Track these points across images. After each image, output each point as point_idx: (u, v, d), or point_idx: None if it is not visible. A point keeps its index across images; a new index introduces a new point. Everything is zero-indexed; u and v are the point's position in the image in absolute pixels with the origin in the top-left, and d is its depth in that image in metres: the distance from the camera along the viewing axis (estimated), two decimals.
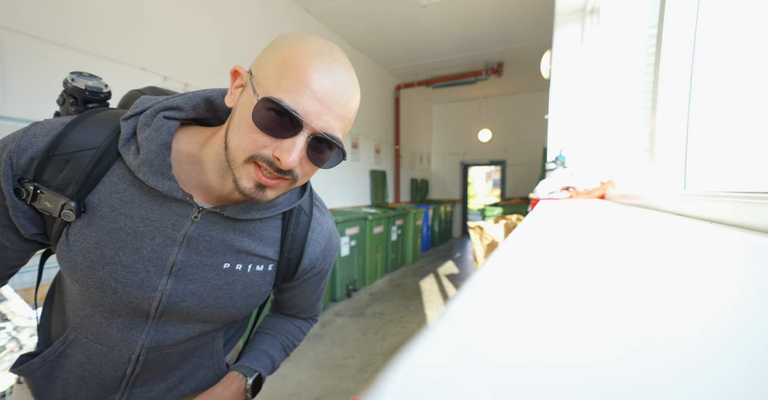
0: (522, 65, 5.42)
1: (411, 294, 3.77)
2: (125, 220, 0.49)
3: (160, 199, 0.50)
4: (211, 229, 0.53)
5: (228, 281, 0.55)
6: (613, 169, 1.87)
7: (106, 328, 0.53)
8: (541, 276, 0.30)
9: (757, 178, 0.77)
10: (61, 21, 1.90)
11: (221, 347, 0.64)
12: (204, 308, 0.54)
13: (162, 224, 0.50)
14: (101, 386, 0.55)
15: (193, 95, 0.53)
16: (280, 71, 0.43)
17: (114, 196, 0.49)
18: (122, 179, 0.50)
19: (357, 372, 2.19)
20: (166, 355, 0.56)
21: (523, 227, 0.67)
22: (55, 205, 0.46)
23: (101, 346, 0.54)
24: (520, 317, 0.20)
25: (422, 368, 0.14)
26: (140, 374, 0.56)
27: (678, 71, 1.07)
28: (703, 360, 0.15)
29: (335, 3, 3.67)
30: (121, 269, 0.49)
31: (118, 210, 0.49)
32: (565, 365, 0.14)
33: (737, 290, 0.26)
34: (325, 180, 4.26)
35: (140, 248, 0.49)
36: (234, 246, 0.54)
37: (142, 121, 0.49)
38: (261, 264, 0.58)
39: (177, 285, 0.52)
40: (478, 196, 17.38)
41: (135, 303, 0.51)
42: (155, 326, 0.53)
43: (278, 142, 0.44)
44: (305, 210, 0.62)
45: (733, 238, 0.48)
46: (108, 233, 0.48)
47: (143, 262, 0.50)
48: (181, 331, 0.56)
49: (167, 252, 0.51)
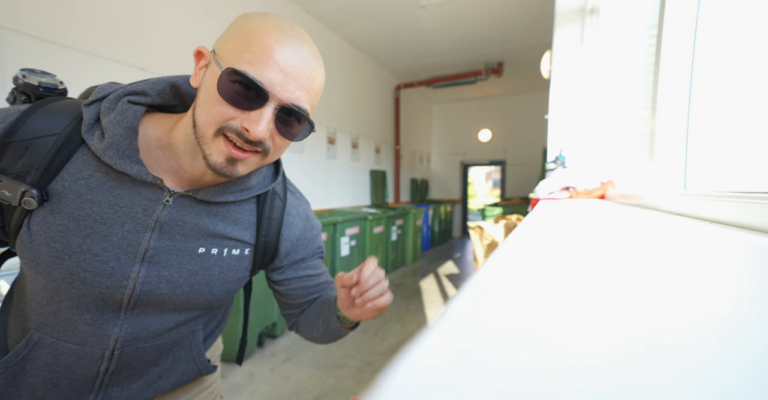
0: (522, 65, 5.43)
1: (411, 294, 3.77)
2: (92, 206, 0.47)
3: (129, 184, 0.49)
4: (184, 213, 0.51)
5: (204, 266, 0.54)
6: (614, 169, 1.87)
7: (75, 324, 0.50)
8: (542, 276, 0.30)
9: (757, 178, 0.77)
10: (61, 21, 1.90)
11: (201, 340, 0.62)
12: (180, 294, 0.53)
13: (132, 209, 0.49)
14: (73, 387, 0.53)
15: (157, 80, 0.52)
16: (242, 45, 0.44)
17: (79, 183, 0.47)
18: (87, 166, 0.48)
19: (357, 372, 2.19)
20: (142, 350, 0.54)
21: (523, 227, 0.67)
22: (14, 193, 0.44)
23: (70, 344, 0.51)
24: (521, 316, 0.20)
25: (422, 368, 0.14)
26: (115, 372, 0.53)
27: (678, 71, 1.07)
28: (704, 360, 0.15)
29: (335, 3, 3.67)
30: (89, 258, 0.47)
31: (84, 196, 0.47)
32: (565, 365, 0.14)
33: (738, 290, 0.26)
34: (325, 180, 4.26)
35: (109, 235, 0.48)
36: (209, 230, 0.53)
37: (105, 106, 0.48)
38: (237, 248, 0.57)
39: (150, 272, 0.50)
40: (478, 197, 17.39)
41: (106, 294, 0.49)
42: (128, 318, 0.51)
43: (245, 114, 0.44)
44: (279, 194, 0.62)
45: (734, 238, 0.48)
46: (74, 221, 0.46)
47: (113, 249, 0.48)
48: (156, 322, 0.53)
49: (138, 238, 0.49)
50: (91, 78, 2.01)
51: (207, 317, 0.63)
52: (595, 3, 2.20)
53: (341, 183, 4.61)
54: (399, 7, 3.75)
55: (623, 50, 1.86)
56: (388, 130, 5.99)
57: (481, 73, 5.47)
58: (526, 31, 4.27)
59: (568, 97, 2.34)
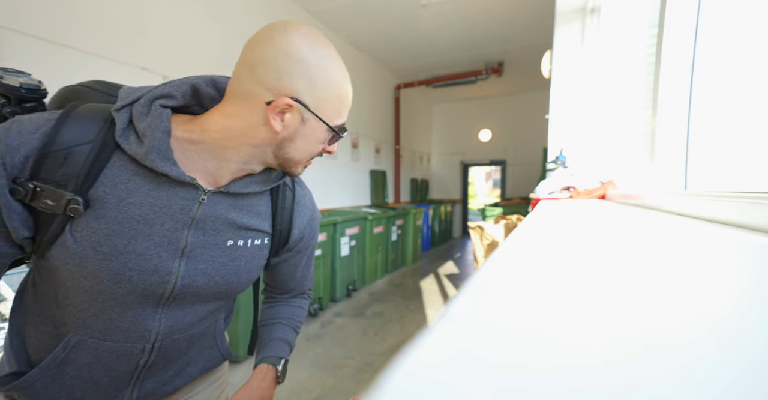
0: (522, 65, 5.42)
1: (411, 294, 3.77)
2: (134, 209, 0.49)
3: (166, 185, 0.51)
4: (216, 209, 0.55)
5: (232, 257, 0.58)
6: (614, 169, 1.87)
7: (117, 322, 0.53)
8: (542, 276, 0.30)
9: (758, 178, 0.77)
10: (61, 21, 1.90)
11: (222, 326, 0.68)
12: (213, 286, 0.57)
13: (170, 209, 0.51)
14: (112, 383, 0.55)
15: (180, 83, 0.52)
16: (340, 104, 0.54)
17: (119, 187, 0.49)
18: (124, 170, 0.49)
19: (357, 372, 2.19)
20: (177, 341, 0.58)
21: (524, 227, 0.67)
22: (57, 202, 0.46)
23: (111, 342, 0.53)
24: (521, 316, 0.20)
25: (422, 368, 0.14)
26: (153, 364, 0.57)
27: (679, 71, 1.07)
28: (704, 360, 0.15)
29: (335, 3, 3.67)
30: (135, 258, 0.50)
31: (126, 200, 0.49)
32: (565, 365, 0.14)
33: (738, 290, 0.26)
34: (325, 180, 4.27)
35: (151, 234, 0.50)
36: (236, 223, 0.57)
37: (138, 111, 0.49)
38: (259, 238, 0.61)
39: (189, 266, 0.53)
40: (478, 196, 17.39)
41: (149, 290, 0.52)
42: (165, 312, 0.55)
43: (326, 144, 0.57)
44: (289, 185, 0.67)
45: (734, 238, 0.48)
46: (119, 224, 0.49)
47: (155, 248, 0.51)
48: (190, 313, 0.58)
49: (177, 236, 0.52)
50: (92, 78, 2.01)
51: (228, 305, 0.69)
52: (595, 2, 2.20)
53: (341, 183, 4.61)
54: (399, 7, 3.75)
55: (624, 50, 1.86)
56: (388, 130, 5.98)
57: (481, 72, 5.47)
58: (527, 30, 4.26)
59: (569, 97, 2.34)
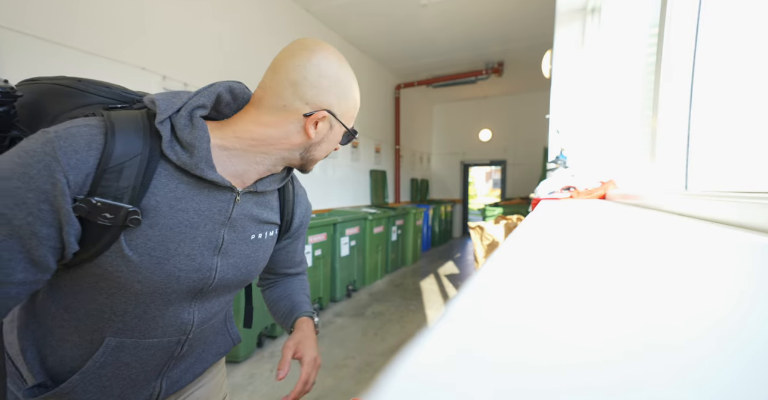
0: (522, 65, 5.42)
1: (411, 294, 3.77)
2: (183, 214, 0.53)
3: (206, 190, 0.55)
4: (245, 207, 0.61)
5: (254, 249, 0.64)
6: (615, 169, 1.87)
7: (159, 320, 0.56)
8: (542, 276, 0.30)
9: (758, 178, 0.76)
10: (61, 21, 1.90)
11: (232, 313, 0.76)
12: (239, 276, 0.62)
13: (211, 211, 0.56)
14: (146, 378, 0.60)
15: (209, 92, 0.55)
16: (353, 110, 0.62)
17: (169, 196, 0.52)
18: (171, 179, 0.52)
19: (357, 372, 2.19)
20: (204, 330, 0.64)
21: (524, 227, 0.67)
22: (116, 214, 0.47)
23: (151, 339, 0.57)
24: (521, 316, 0.20)
25: (423, 368, 0.14)
26: (183, 355, 0.63)
27: (679, 70, 1.07)
28: (704, 360, 0.15)
29: (335, 3, 3.67)
30: (183, 259, 0.54)
31: (175, 207, 0.52)
32: (565, 364, 0.14)
33: (738, 290, 0.26)
34: (326, 180, 4.26)
35: (196, 236, 0.54)
36: (258, 218, 0.63)
37: (181, 123, 0.52)
38: (272, 230, 0.68)
39: (224, 261, 0.59)
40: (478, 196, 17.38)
41: (192, 286, 0.56)
42: (198, 304, 0.60)
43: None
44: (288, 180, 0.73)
45: (735, 238, 0.48)
46: (170, 230, 0.52)
47: (199, 248, 0.55)
48: (216, 304, 0.63)
49: (216, 235, 0.57)
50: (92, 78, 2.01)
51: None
52: (596, 2, 2.20)
53: (341, 183, 4.61)
54: (399, 7, 3.75)
55: (624, 50, 1.86)
56: (388, 130, 5.98)
57: (481, 72, 5.46)
58: (527, 30, 4.26)
59: (569, 97, 2.34)
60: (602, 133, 2.09)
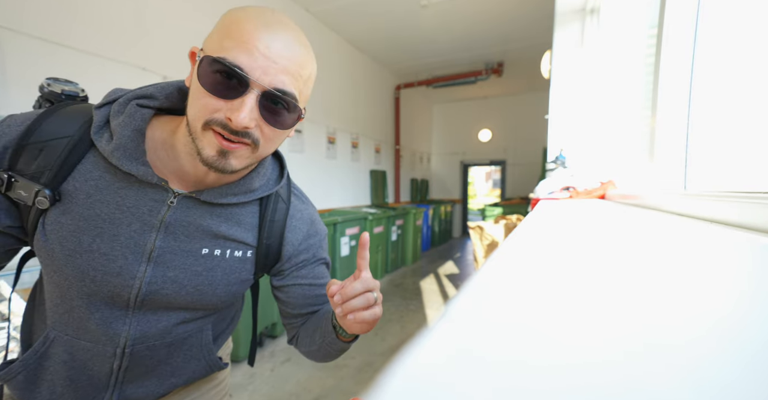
0: (522, 65, 5.42)
1: (411, 294, 3.77)
2: (101, 206, 0.49)
3: (136, 185, 0.50)
4: (188, 214, 0.52)
5: (207, 267, 0.54)
6: (614, 169, 1.87)
7: (86, 322, 0.52)
8: (542, 276, 0.30)
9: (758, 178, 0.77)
10: (61, 21, 1.90)
11: (210, 338, 0.62)
12: (185, 295, 0.54)
13: (138, 210, 0.50)
14: (90, 384, 0.54)
15: (166, 85, 0.53)
16: (222, 34, 0.43)
17: (89, 183, 0.49)
18: (96, 166, 0.49)
19: (357, 372, 2.19)
20: (153, 347, 0.55)
21: (523, 227, 0.67)
22: (29, 193, 0.46)
23: (84, 341, 0.53)
24: (521, 316, 0.20)
25: (422, 368, 0.14)
26: (129, 369, 0.54)
27: (678, 71, 1.07)
28: (704, 360, 0.15)
29: (335, 3, 3.67)
30: (99, 257, 0.49)
31: (94, 197, 0.48)
32: (565, 364, 0.14)
33: (738, 291, 0.26)
34: (325, 180, 4.26)
35: (117, 234, 0.49)
36: (212, 231, 0.54)
37: (115, 109, 0.49)
38: (239, 250, 0.57)
39: (156, 272, 0.51)
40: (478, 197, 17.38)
41: (114, 292, 0.50)
42: (137, 316, 0.52)
43: (229, 104, 0.44)
44: (283, 197, 0.62)
45: (734, 238, 0.48)
46: (85, 220, 0.48)
47: (121, 249, 0.49)
48: (164, 320, 0.54)
49: (145, 239, 0.50)
50: (92, 78, 2.01)
51: (216, 317, 0.63)
52: (595, 3, 2.20)
53: (341, 183, 4.61)
54: (399, 7, 3.75)
55: (623, 50, 1.86)
56: (388, 130, 5.98)
57: (481, 72, 5.47)
58: (527, 30, 4.26)
59: (569, 97, 2.34)
60: (602, 133, 2.09)
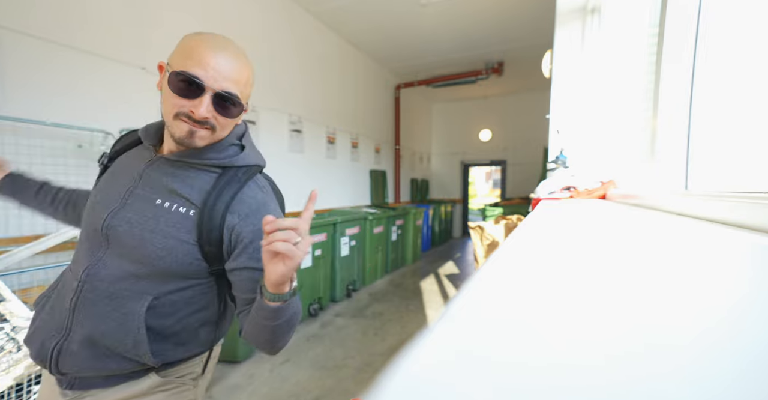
0: (522, 65, 5.42)
1: (411, 294, 3.77)
2: (121, 165, 0.73)
3: (144, 152, 0.72)
4: (157, 170, 0.68)
5: (154, 214, 0.65)
6: (615, 169, 1.87)
7: (78, 253, 0.68)
8: (542, 276, 0.30)
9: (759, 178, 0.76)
10: (61, 21, 1.90)
11: (144, 311, 0.62)
12: (130, 237, 0.63)
13: (135, 166, 0.71)
14: (58, 319, 0.64)
15: None
16: (184, 55, 0.62)
17: (127, 156, 0.75)
18: (137, 149, 0.75)
19: (357, 372, 2.19)
20: (96, 291, 0.62)
21: (524, 227, 0.67)
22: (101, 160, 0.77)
23: (71, 272, 0.67)
24: (521, 316, 0.20)
25: (423, 368, 0.14)
26: (76, 310, 0.62)
27: (679, 70, 1.07)
28: (704, 360, 0.15)
29: (335, 3, 3.67)
30: (102, 195, 0.69)
31: (122, 161, 0.74)
32: (565, 364, 0.14)
33: (738, 291, 0.25)
34: (325, 180, 4.26)
35: (116, 183, 0.69)
36: (168, 186, 0.67)
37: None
38: (184, 206, 0.66)
39: (120, 211, 0.65)
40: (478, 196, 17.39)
41: (95, 223, 0.65)
42: (101, 256, 0.64)
43: (191, 102, 0.62)
44: (239, 178, 0.69)
45: (735, 238, 0.48)
46: (110, 174, 0.73)
47: (115, 191, 0.68)
48: (114, 265, 0.63)
49: (127, 185, 0.68)
50: (92, 78, 2.01)
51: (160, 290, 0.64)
52: (596, 2, 2.20)
53: (341, 183, 4.61)
54: (399, 7, 3.75)
55: (624, 49, 1.86)
56: (388, 130, 5.98)
57: (481, 72, 5.46)
58: (527, 30, 4.26)
59: (569, 97, 2.34)
60: (602, 133, 2.09)
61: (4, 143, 1.66)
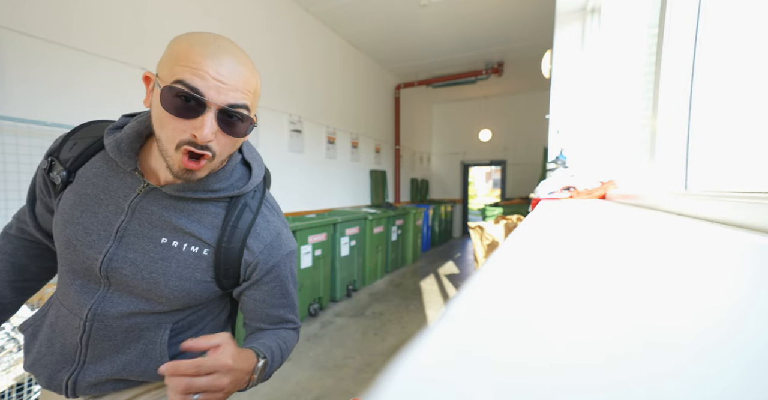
0: (522, 65, 5.42)
1: (411, 294, 3.77)
2: (92, 187, 0.60)
3: (121, 174, 0.60)
4: (153, 203, 0.59)
5: (164, 256, 0.58)
6: (614, 169, 1.87)
7: (69, 288, 0.59)
8: (542, 276, 0.30)
9: (759, 178, 0.76)
10: (61, 21, 1.90)
11: (167, 338, 0.61)
12: (140, 279, 0.57)
13: (116, 194, 0.59)
14: (62, 352, 0.60)
15: None
16: (177, 62, 0.49)
17: (92, 170, 0.61)
18: (102, 159, 0.61)
19: (357, 372, 2.19)
20: (110, 328, 0.58)
21: (524, 227, 0.67)
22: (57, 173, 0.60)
23: (65, 308, 0.60)
24: (521, 316, 0.20)
25: (423, 368, 0.14)
26: (90, 345, 0.58)
27: (679, 70, 1.07)
28: (704, 360, 0.15)
29: (335, 3, 3.67)
30: (81, 229, 0.58)
31: (90, 180, 0.60)
32: (565, 364, 0.14)
33: (738, 291, 0.25)
34: (325, 180, 4.26)
35: (97, 212, 0.58)
36: (172, 223, 0.59)
37: (134, 118, 0.60)
38: (196, 246, 0.60)
39: (118, 251, 0.57)
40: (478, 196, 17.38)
41: (87, 263, 0.58)
42: (104, 293, 0.58)
43: (192, 122, 0.50)
44: (251, 206, 0.64)
45: (735, 238, 0.48)
46: (79, 197, 0.59)
47: (97, 225, 0.58)
48: (124, 303, 0.59)
49: (116, 218, 0.58)
50: (92, 78, 2.01)
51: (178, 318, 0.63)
52: (595, 2, 2.20)
53: (341, 183, 4.61)
54: (399, 7, 3.75)
55: (624, 50, 1.86)
56: (388, 130, 5.98)
57: (481, 72, 5.46)
58: (527, 30, 4.26)
59: (569, 97, 2.34)
60: (602, 133, 2.09)
61: (4, 143, 1.66)
